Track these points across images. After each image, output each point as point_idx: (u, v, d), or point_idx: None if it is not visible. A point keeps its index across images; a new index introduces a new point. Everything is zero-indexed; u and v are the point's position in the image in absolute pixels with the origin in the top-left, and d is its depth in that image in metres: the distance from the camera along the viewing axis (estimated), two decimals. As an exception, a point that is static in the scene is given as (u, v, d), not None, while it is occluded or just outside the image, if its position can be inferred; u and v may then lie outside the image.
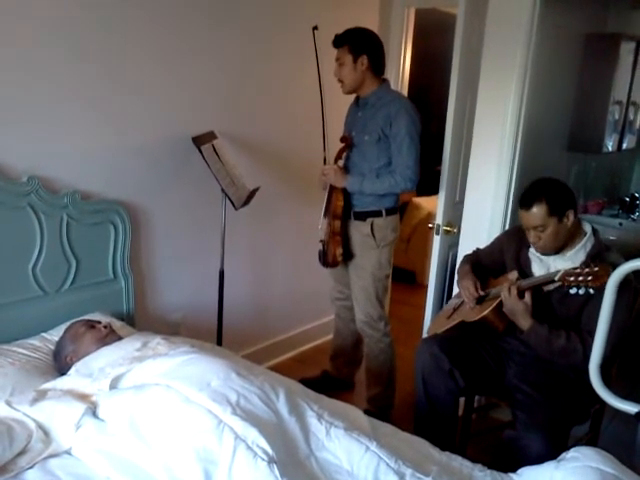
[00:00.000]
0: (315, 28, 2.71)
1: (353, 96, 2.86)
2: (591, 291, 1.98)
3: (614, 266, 1.88)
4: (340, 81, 2.75)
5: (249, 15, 2.94)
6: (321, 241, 2.91)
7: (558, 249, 2.17)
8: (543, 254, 2.22)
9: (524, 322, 2.15)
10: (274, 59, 3.14)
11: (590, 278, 1.92)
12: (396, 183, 2.68)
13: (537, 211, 2.09)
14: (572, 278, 1.97)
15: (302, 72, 3.07)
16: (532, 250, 2.30)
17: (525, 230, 2.19)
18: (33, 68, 2.18)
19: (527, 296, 2.13)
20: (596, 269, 1.91)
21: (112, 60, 2.41)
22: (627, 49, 3.64)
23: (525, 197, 2.14)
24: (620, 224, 3.75)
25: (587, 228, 2.22)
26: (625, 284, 1.39)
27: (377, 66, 2.74)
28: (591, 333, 2.03)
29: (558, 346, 2.12)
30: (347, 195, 2.80)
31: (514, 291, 2.13)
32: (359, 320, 2.94)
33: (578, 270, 1.96)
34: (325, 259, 2.89)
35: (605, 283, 1.79)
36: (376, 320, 2.90)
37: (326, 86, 2.80)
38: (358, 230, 2.84)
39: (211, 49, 2.80)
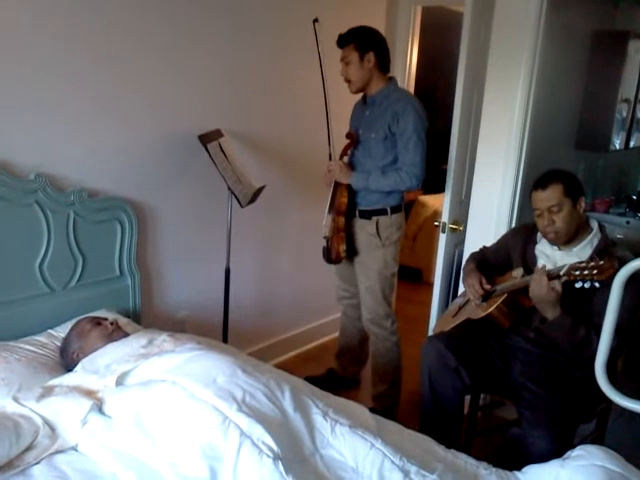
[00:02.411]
0: (315, 20, 2.70)
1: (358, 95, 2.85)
2: (597, 285, 1.97)
3: (621, 260, 1.90)
4: (347, 81, 2.74)
5: (255, 13, 2.95)
6: (325, 237, 2.91)
7: (569, 239, 2.17)
8: (554, 243, 2.21)
9: (552, 311, 2.09)
10: (280, 56, 3.14)
11: (595, 272, 1.92)
12: (402, 180, 2.67)
13: (553, 190, 2.12)
14: (578, 272, 1.96)
15: (308, 69, 3.07)
16: (538, 247, 2.29)
17: (537, 216, 2.19)
18: (40, 67, 2.19)
19: (557, 284, 2.05)
20: (601, 262, 1.91)
21: (119, 58, 2.42)
22: (635, 47, 3.62)
23: (540, 179, 2.18)
24: (627, 222, 3.73)
25: (594, 224, 2.22)
26: (632, 280, 1.38)
27: (383, 63, 2.73)
28: (598, 328, 2.04)
29: (579, 337, 2.09)
30: (351, 192, 2.80)
31: (545, 279, 2.05)
32: (366, 319, 2.94)
33: (584, 264, 1.95)
34: (329, 255, 2.90)
35: (611, 276, 1.80)
36: (383, 318, 2.89)
37: (331, 82, 2.80)
38: (363, 229, 2.83)
39: (217, 47, 2.81)
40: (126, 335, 2.19)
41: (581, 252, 2.18)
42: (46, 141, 2.26)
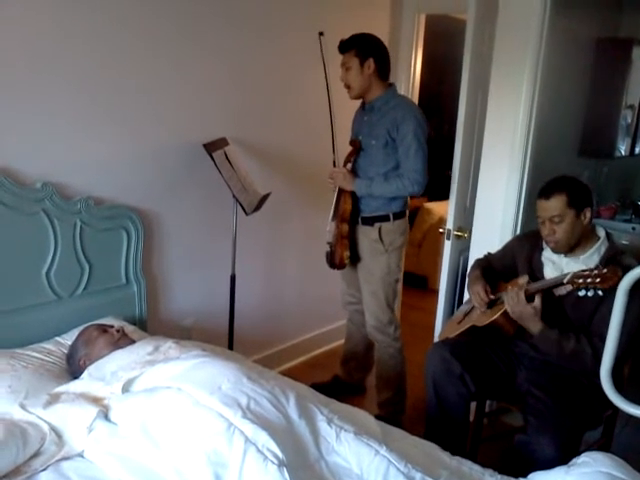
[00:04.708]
0: (321, 34, 2.73)
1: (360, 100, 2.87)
2: (600, 293, 1.97)
3: (628, 269, 1.89)
4: (347, 86, 2.75)
5: (260, 22, 2.97)
6: (328, 243, 2.91)
7: (570, 248, 2.17)
8: (555, 252, 2.21)
9: (534, 326, 2.14)
10: (285, 65, 3.16)
11: (599, 280, 1.92)
12: (404, 186, 2.68)
13: (556, 201, 2.11)
14: (581, 280, 1.97)
15: (312, 78, 3.08)
16: (545, 254, 2.29)
17: (540, 224, 2.19)
18: (46, 76, 2.21)
19: (537, 300, 2.12)
20: (604, 271, 1.91)
21: (125, 67, 2.44)
22: (639, 53, 3.62)
23: (546, 187, 2.17)
24: (633, 228, 3.71)
25: (601, 232, 2.22)
26: (637, 287, 1.38)
27: (383, 70, 2.74)
28: (601, 337, 2.03)
29: (568, 349, 2.11)
30: (355, 198, 2.81)
31: (521, 295, 2.12)
32: (369, 325, 2.94)
33: (587, 272, 1.96)
34: (332, 261, 2.90)
35: (614, 285, 1.80)
36: (386, 325, 2.89)
37: (335, 90, 2.82)
38: (366, 235, 2.84)
39: (222, 56, 2.83)
40: (132, 342, 2.20)
41: (588, 260, 2.17)
42: (52, 150, 2.28)
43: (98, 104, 2.39)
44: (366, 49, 2.69)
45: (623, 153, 3.79)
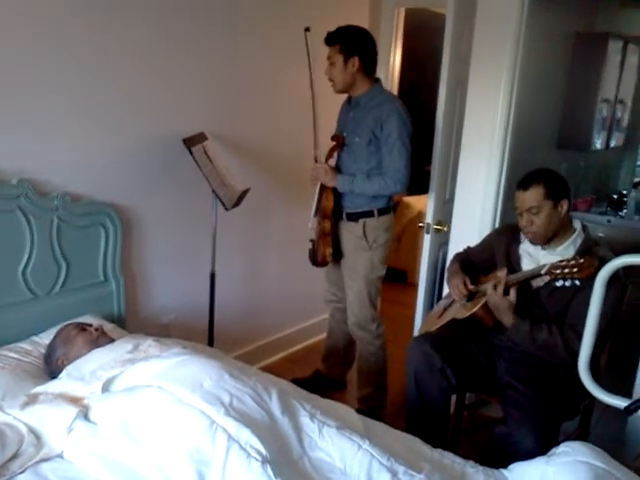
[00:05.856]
0: (307, 29, 2.70)
1: (345, 95, 2.85)
2: (577, 283, 2.00)
3: (602, 260, 1.93)
4: (331, 80, 2.74)
5: (238, 15, 2.94)
6: (311, 240, 2.90)
7: (548, 239, 2.20)
8: (533, 243, 2.24)
9: (507, 319, 2.19)
10: (264, 59, 3.14)
11: (576, 270, 1.96)
12: (386, 185, 2.67)
13: (534, 192, 2.14)
14: (558, 271, 2.01)
15: (292, 72, 3.07)
16: (522, 246, 2.32)
17: (518, 215, 2.22)
18: (21, 70, 2.17)
19: (512, 293, 2.16)
20: (581, 261, 1.95)
21: (101, 62, 2.41)
22: (615, 48, 3.67)
23: (524, 179, 2.20)
24: (608, 221, 3.78)
25: (577, 224, 2.25)
26: (613, 279, 1.40)
27: (369, 67, 2.72)
28: (573, 326, 2.09)
29: (540, 340, 2.15)
30: (337, 195, 2.80)
31: (500, 288, 2.16)
32: (352, 322, 2.93)
33: (564, 262, 2.00)
34: (314, 258, 2.89)
35: (591, 274, 1.84)
36: (368, 322, 2.89)
37: (318, 85, 2.80)
38: (350, 231, 2.83)
39: (201, 50, 2.80)
40: (111, 341, 2.18)
41: (564, 252, 2.21)
42: (29, 146, 2.23)
43: (76, 99, 2.35)
44: (351, 46, 2.65)
45: (599, 146, 3.84)
